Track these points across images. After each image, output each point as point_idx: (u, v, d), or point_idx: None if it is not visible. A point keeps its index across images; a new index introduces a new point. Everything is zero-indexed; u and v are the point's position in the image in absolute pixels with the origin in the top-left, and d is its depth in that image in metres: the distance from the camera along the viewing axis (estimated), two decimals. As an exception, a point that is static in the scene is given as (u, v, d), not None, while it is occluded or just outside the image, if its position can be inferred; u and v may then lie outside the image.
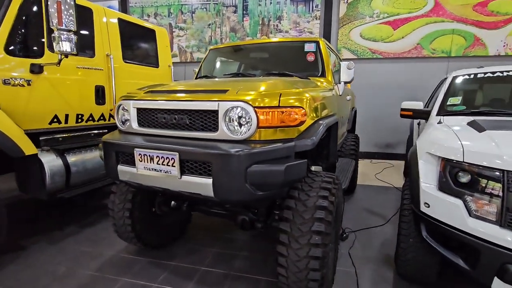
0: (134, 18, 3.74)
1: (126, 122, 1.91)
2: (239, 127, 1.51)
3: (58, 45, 2.34)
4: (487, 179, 1.51)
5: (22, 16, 2.44)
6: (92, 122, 3.14)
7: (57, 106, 2.75)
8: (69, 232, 2.92)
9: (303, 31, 6.50)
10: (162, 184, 1.61)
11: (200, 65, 3.07)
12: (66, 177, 2.77)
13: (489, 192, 1.50)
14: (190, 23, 7.11)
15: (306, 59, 2.54)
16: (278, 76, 2.38)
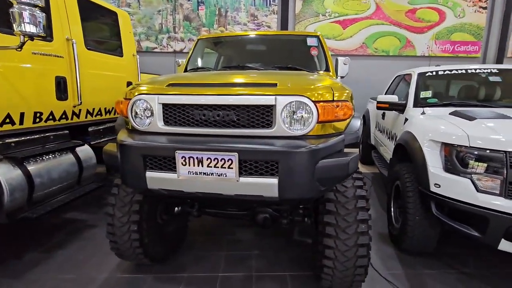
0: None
1: (144, 121, 1.61)
2: (297, 122, 1.45)
3: (20, 24, 1.83)
4: (491, 160, 1.81)
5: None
6: (52, 121, 2.56)
7: (9, 102, 2.14)
8: (34, 259, 2.34)
9: (261, 24, 6.53)
10: (214, 188, 1.42)
11: (188, 56, 2.79)
12: (29, 192, 2.20)
13: (493, 170, 1.80)
14: (136, 8, 6.36)
15: (308, 53, 2.56)
16: (288, 70, 2.34)
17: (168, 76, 1.84)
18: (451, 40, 6.57)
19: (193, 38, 6.52)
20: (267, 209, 1.98)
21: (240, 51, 2.80)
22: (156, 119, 1.56)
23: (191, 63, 2.74)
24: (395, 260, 2.41)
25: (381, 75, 6.21)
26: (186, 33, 6.50)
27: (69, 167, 2.57)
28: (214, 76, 1.79)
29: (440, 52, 6.63)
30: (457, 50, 6.63)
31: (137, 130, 1.63)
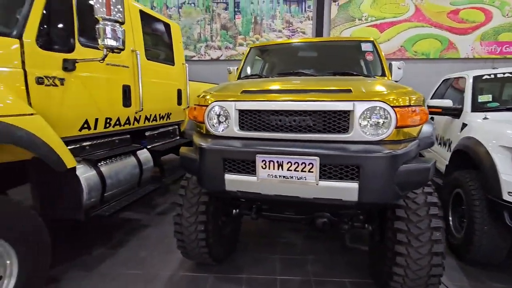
0: (152, 11, 3.37)
1: (219, 126, 1.70)
2: (375, 128, 1.46)
3: (104, 38, 2.01)
4: None
5: (51, 3, 2.02)
6: (118, 127, 2.76)
7: (88, 110, 2.35)
8: (101, 255, 2.52)
9: (296, 31, 6.59)
10: (292, 191, 1.47)
11: (241, 64, 2.90)
12: (101, 191, 2.39)
13: None
14: (176, 19, 6.69)
15: (362, 58, 2.56)
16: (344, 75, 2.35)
17: (238, 84, 1.94)
18: (499, 41, 6.22)
19: (229, 46, 6.73)
20: (325, 214, 2.00)
21: (293, 58, 2.87)
22: (232, 124, 1.65)
23: (244, 71, 2.84)
24: (458, 272, 2.31)
25: (421, 78, 6.00)
26: (223, 42, 6.72)
27: (132, 169, 2.75)
28: (285, 82, 1.85)
29: (486, 53, 6.29)
30: (505, 51, 6.26)
31: (212, 135, 1.72)
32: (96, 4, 1.92)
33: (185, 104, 3.94)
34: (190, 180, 2.13)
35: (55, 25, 2.08)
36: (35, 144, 1.71)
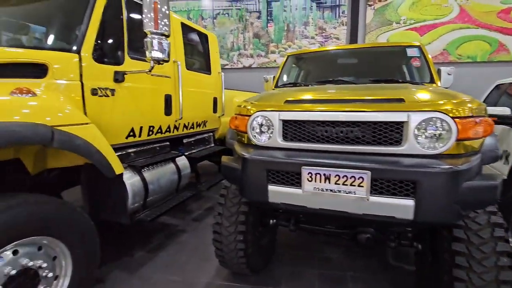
0: (191, 22, 3.51)
1: (262, 136, 1.69)
2: (433, 140, 1.36)
3: (151, 50, 2.10)
4: None
5: (105, 20, 2.17)
6: (160, 134, 2.87)
7: (134, 118, 2.48)
8: (141, 258, 2.61)
9: (330, 37, 6.48)
10: (340, 206, 1.41)
11: (278, 72, 2.89)
12: (144, 197, 2.49)
13: None
14: (211, 29, 6.90)
15: (408, 64, 2.43)
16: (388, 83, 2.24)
17: (280, 93, 1.92)
18: (559, 41, 5.61)
19: (261, 53, 6.79)
20: (369, 229, 1.89)
21: (332, 65, 2.80)
22: (276, 134, 1.63)
23: (281, 79, 2.82)
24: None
25: (467, 83, 5.56)
26: (255, 50, 6.80)
27: (171, 175, 2.84)
28: (330, 91, 1.80)
29: (544, 55, 5.70)
30: None
31: (255, 145, 1.72)
32: (145, 19, 2.03)
33: (220, 112, 4.02)
34: (229, 189, 2.13)
35: (108, 40, 2.22)
36: (90, 152, 1.83)
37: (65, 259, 1.72)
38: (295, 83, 2.63)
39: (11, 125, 1.41)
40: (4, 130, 1.37)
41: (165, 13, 2.08)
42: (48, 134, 1.56)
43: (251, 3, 6.67)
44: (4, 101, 1.49)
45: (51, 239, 1.63)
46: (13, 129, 1.40)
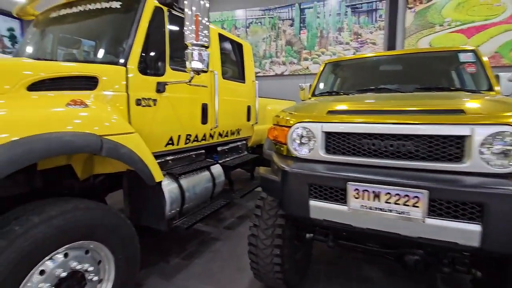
0: (227, 32, 3.58)
1: (303, 148, 1.63)
2: (501, 157, 1.20)
3: (191, 61, 2.15)
4: None
5: (149, 34, 2.27)
6: (196, 142, 2.92)
7: (173, 127, 2.55)
8: (177, 265, 2.64)
9: (366, 42, 6.25)
10: (390, 227, 1.30)
11: (315, 80, 2.82)
12: (181, 204, 2.53)
13: None
14: (244, 38, 7.01)
15: (461, 70, 2.23)
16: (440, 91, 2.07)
17: (322, 103, 1.85)
18: None
19: (293, 61, 6.74)
20: (418, 251, 1.72)
21: (374, 73, 2.66)
22: (318, 147, 1.56)
23: (318, 87, 2.74)
24: None
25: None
26: (287, 57, 6.78)
27: (206, 183, 2.87)
28: (377, 101, 1.70)
29: None
30: None
31: (295, 157, 1.66)
32: (187, 31, 2.08)
33: (253, 120, 4.02)
34: (265, 201, 2.09)
35: (151, 53, 2.32)
36: (133, 160, 1.89)
37: (109, 263, 1.79)
38: (334, 92, 2.53)
39: (66, 135, 1.50)
40: (60, 139, 1.46)
41: (206, 25, 2.12)
42: (98, 144, 1.64)
43: (284, 11, 6.68)
44: (61, 113, 1.60)
45: (97, 244, 1.69)
46: (68, 138, 1.49)
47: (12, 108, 1.46)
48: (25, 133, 1.37)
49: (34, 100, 1.60)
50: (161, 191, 2.28)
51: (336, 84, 2.78)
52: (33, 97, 1.62)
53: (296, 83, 6.83)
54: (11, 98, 1.52)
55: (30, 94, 1.61)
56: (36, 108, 1.54)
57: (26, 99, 1.58)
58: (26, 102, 1.56)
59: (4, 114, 1.40)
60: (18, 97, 1.55)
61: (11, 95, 1.54)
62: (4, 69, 1.57)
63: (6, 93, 1.52)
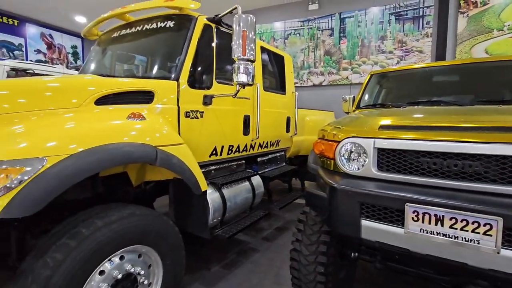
0: (269, 45, 3.65)
1: (353, 164, 1.58)
2: None
3: (238, 75, 2.21)
4: None
5: (198, 49, 2.40)
6: (237, 153, 2.98)
7: (217, 138, 2.63)
8: (217, 273, 2.68)
9: (411, 50, 5.94)
10: (458, 256, 1.20)
11: (359, 92, 2.73)
12: (223, 213, 2.58)
13: None
14: (282, 49, 7.08)
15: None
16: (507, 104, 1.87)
17: (372, 117, 1.79)
18: None
19: (332, 71, 6.63)
20: (482, 282, 1.54)
21: (426, 85, 2.51)
22: (370, 164, 1.50)
23: (364, 99, 2.65)
24: None
25: None
26: (326, 67, 6.69)
27: (247, 193, 2.90)
28: (433, 116, 1.60)
29: None
30: None
31: (343, 173, 1.61)
32: (234, 46, 2.17)
33: (292, 132, 4.00)
34: (308, 216, 2.05)
35: (200, 67, 2.44)
36: (183, 170, 1.99)
37: (158, 268, 1.87)
38: (381, 105, 2.43)
39: (127, 146, 1.63)
40: (122, 150, 1.59)
41: (252, 39, 2.19)
42: (153, 154, 1.75)
43: (323, 21, 6.64)
44: (123, 125, 1.75)
45: (149, 248, 1.79)
46: (128, 149, 1.62)
47: (84, 120, 1.63)
48: (95, 143, 1.51)
49: (100, 113, 1.77)
50: (205, 200, 2.35)
51: (383, 96, 2.66)
52: (99, 110, 1.79)
53: (335, 93, 6.70)
54: (82, 112, 1.70)
55: (97, 108, 1.78)
56: (103, 121, 1.70)
57: (94, 112, 1.75)
58: (95, 115, 1.73)
59: (78, 125, 1.57)
60: (88, 110, 1.73)
61: (82, 108, 1.72)
62: (77, 86, 1.77)
63: (79, 107, 1.71)
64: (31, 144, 1.36)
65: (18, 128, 1.45)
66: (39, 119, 1.54)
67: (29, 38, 8.11)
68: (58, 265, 1.35)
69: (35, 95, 1.59)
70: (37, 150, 1.35)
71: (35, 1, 6.97)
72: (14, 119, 1.49)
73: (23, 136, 1.40)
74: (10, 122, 1.47)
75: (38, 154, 1.34)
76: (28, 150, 1.33)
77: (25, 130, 1.44)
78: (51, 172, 1.33)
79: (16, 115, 1.50)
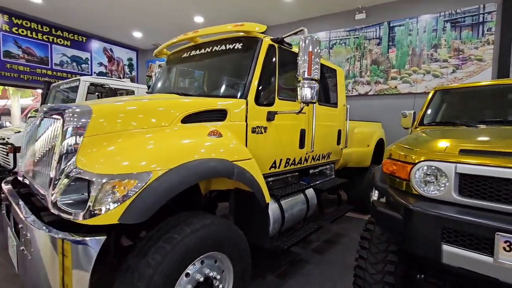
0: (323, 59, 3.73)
1: (429, 187, 1.58)
2: None
3: (303, 94, 2.32)
4: None
5: (264, 68, 2.55)
6: (293, 166, 3.08)
7: (277, 151, 2.76)
8: (272, 283, 2.77)
9: (469, 58, 5.59)
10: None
11: (422, 108, 2.68)
12: (281, 224, 2.68)
13: None
14: (326, 59, 7.08)
15: None
16: None
17: (449, 138, 1.77)
18: None
19: (379, 80, 6.47)
20: None
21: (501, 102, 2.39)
22: (451, 188, 1.50)
23: (427, 116, 2.60)
24: None
25: None
26: (372, 77, 6.55)
27: (302, 205, 2.97)
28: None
29: None
30: None
31: (418, 195, 1.62)
32: (299, 65, 2.29)
33: (343, 144, 4.00)
34: (373, 233, 2.06)
35: (265, 85, 2.60)
36: (253, 183, 2.13)
37: (229, 273, 2.02)
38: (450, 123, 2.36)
39: (212, 161, 1.81)
40: (209, 165, 1.77)
41: (317, 60, 2.29)
42: (231, 169, 1.92)
43: (371, 30, 6.53)
44: (205, 141, 1.94)
45: (223, 255, 1.94)
46: (214, 164, 1.80)
47: (176, 137, 1.86)
48: (187, 159, 1.71)
49: (186, 130, 1.98)
50: (267, 210, 2.47)
51: (449, 113, 2.58)
52: (185, 128, 2.01)
53: (382, 104, 6.52)
54: (172, 129, 1.93)
55: (183, 126, 2.01)
56: (190, 138, 1.91)
57: (181, 129, 1.97)
58: (182, 132, 1.94)
59: (172, 142, 1.79)
60: (177, 128, 1.95)
61: (172, 126, 1.95)
62: (170, 107, 2.00)
63: (169, 125, 1.94)
64: (140, 160, 1.59)
65: (126, 144, 1.70)
66: (142, 137, 1.78)
67: (94, 53, 9.09)
68: (158, 265, 1.55)
69: (138, 116, 1.84)
70: (145, 165, 1.57)
71: (101, 20, 7.83)
72: (122, 136, 1.75)
73: (132, 153, 1.64)
74: (120, 138, 1.73)
75: (146, 169, 1.56)
76: (138, 165, 1.56)
77: (132, 147, 1.69)
78: (156, 185, 1.54)
79: (124, 133, 1.76)
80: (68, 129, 1.65)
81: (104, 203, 1.46)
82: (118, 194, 1.48)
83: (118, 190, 1.48)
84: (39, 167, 1.89)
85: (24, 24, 7.50)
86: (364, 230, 2.17)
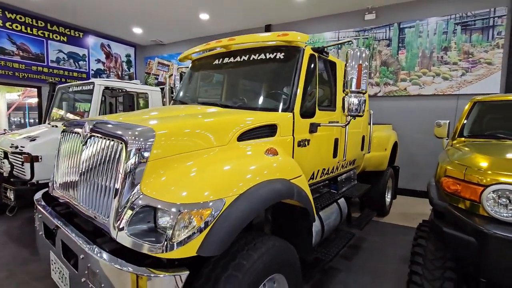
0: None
1: (503, 209, 1.58)
2: None
3: (350, 107, 2.28)
4: None
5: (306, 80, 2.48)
6: (326, 175, 3.06)
7: (316, 162, 2.72)
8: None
9: (478, 62, 5.68)
10: None
11: (461, 120, 2.69)
12: (321, 235, 2.66)
13: None
14: (334, 59, 7.04)
15: None
16: None
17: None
18: None
19: (389, 82, 6.50)
20: None
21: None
22: (529, 212, 1.50)
23: (467, 128, 2.61)
24: None
25: None
26: (382, 78, 6.58)
27: (336, 215, 2.96)
28: None
29: None
30: None
31: (490, 217, 1.62)
32: (348, 78, 2.24)
33: (366, 150, 4.01)
34: (427, 249, 2.07)
35: (306, 98, 2.54)
36: (307, 200, 2.09)
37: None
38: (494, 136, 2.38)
39: (277, 183, 1.75)
40: (275, 188, 1.71)
41: (366, 72, 2.24)
42: (293, 190, 1.86)
43: (381, 31, 6.53)
44: (265, 161, 1.87)
45: (281, 276, 1.90)
46: (279, 187, 1.74)
47: (237, 157, 1.78)
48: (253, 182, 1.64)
49: (244, 149, 1.91)
50: (310, 223, 2.44)
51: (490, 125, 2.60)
52: (241, 146, 1.93)
53: (391, 105, 6.56)
54: (231, 149, 1.85)
55: (239, 144, 1.93)
56: (249, 158, 1.84)
57: (239, 148, 1.89)
58: (240, 152, 1.87)
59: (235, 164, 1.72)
60: (234, 147, 1.88)
61: (230, 145, 1.87)
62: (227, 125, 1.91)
63: (227, 144, 1.86)
64: (211, 186, 1.51)
65: (190, 167, 1.61)
66: (203, 158, 1.69)
67: (91, 49, 8.72)
68: (232, 296, 1.49)
69: (199, 135, 1.75)
70: (217, 192, 1.49)
71: (98, 14, 7.49)
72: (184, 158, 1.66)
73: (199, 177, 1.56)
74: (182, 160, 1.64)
75: (219, 195, 1.49)
76: (212, 192, 1.48)
77: (197, 170, 1.60)
78: (230, 212, 1.47)
79: (185, 154, 1.67)
80: (131, 152, 1.55)
81: (182, 235, 1.38)
82: (195, 224, 1.40)
83: (196, 220, 1.41)
84: (89, 190, 1.78)
85: (18, 18, 7.09)
86: (415, 245, 2.17)
